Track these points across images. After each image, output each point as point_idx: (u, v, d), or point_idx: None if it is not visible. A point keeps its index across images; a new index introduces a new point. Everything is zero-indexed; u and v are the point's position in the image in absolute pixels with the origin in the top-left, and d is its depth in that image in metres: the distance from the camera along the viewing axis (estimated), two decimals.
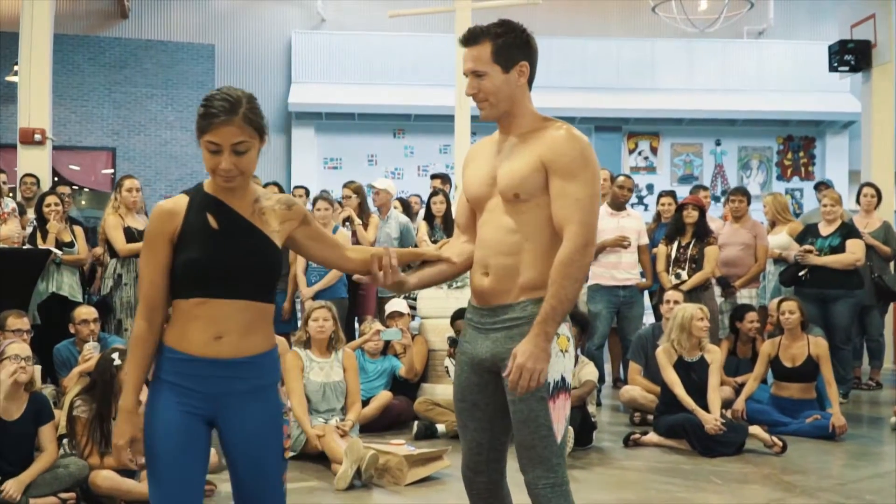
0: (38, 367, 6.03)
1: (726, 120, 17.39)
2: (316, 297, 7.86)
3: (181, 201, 2.85)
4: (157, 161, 15.98)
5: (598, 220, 8.66)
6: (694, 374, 6.63)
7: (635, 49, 17.34)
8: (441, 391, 7.35)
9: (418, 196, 10.91)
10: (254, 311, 2.82)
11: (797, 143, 17.85)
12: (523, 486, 3.06)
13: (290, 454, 2.90)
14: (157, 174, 15.85)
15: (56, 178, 12.69)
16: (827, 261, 8.15)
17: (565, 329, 3.05)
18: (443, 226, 8.74)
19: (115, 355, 5.39)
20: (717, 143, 17.74)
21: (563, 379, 3.03)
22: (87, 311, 6.82)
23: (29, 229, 7.88)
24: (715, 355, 6.78)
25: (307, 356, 6.43)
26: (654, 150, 17.69)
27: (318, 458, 6.01)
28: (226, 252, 2.79)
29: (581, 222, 2.95)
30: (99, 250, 8.32)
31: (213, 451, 5.53)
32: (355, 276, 3.01)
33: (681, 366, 6.66)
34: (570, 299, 2.94)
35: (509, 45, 3.03)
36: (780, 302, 7.32)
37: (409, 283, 3.09)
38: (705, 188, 10.01)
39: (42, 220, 7.79)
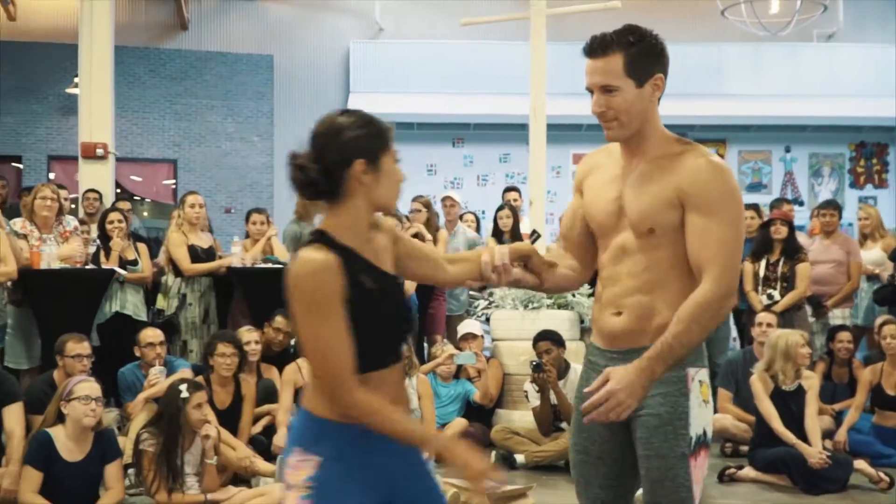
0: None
1: (796, 126, 16.85)
2: None
3: (329, 256, 2.31)
4: (217, 172, 15.90)
5: None
6: (792, 405, 6.15)
7: (701, 54, 16.88)
8: (518, 418, 7.01)
9: (473, 213, 10.28)
10: (401, 370, 2.52)
11: (870, 149, 17.27)
12: None
13: None
14: (217, 185, 15.76)
15: (118, 190, 12.62)
16: None
17: (705, 376, 2.69)
18: (511, 241, 8.38)
19: (184, 387, 5.16)
20: (787, 150, 17.22)
21: (704, 433, 2.66)
22: (153, 334, 6.59)
23: (92, 248, 7.70)
24: (812, 381, 6.33)
25: None
26: (720, 158, 17.22)
27: None
28: (388, 315, 2.40)
29: (726, 266, 2.56)
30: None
31: None
32: (466, 283, 2.65)
33: (778, 396, 6.19)
34: (691, 346, 2.58)
35: (644, 55, 2.67)
36: (882, 325, 6.85)
37: (525, 279, 2.70)
38: (789, 201, 9.56)
39: (105, 238, 7.62)
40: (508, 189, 9.98)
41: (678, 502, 2.63)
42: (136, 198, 15.91)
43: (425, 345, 8.49)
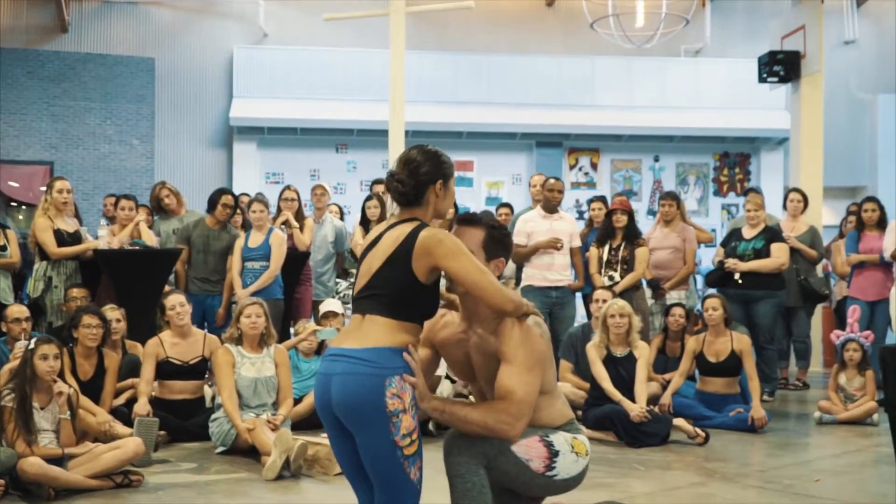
0: None
1: (664, 136, 17.62)
2: None
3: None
4: (95, 175, 15.85)
5: (532, 223, 8.80)
6: (622, 369, 6.78)
7: (576, 66, 17.56)
8: None
9: (337, 205, 10.64)
10: None
11: (733, 159, 18.16)
12: None
13: None
14: (95, 188, 15.71)
15: None
16: (753, 266, 8.35)
17: (584, 437, 3.61)
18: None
19: (32, 340, 5.44)
20: (656, 160, 17.98)
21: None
22: (18, 310, 6.84)
23: None
24: (643, 351, 6.93)
25: (238, 352, 6.45)
26: (594, 166, 17.91)
27: (249, 453, 6.04)
28: None
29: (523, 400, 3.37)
30: None
31: (139, 440, 5.56)
32: None
33: (609, 361, 6.80)
34: (464, 426, 3.35)
35: (498, 240, 3.51)
36: (705, 299, 7.51)
37: None
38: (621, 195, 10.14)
39: None
40: (377, 181, 10.32)
41: None
42: (13, 203, 15.76)
43: (291, 329, 8.80)
